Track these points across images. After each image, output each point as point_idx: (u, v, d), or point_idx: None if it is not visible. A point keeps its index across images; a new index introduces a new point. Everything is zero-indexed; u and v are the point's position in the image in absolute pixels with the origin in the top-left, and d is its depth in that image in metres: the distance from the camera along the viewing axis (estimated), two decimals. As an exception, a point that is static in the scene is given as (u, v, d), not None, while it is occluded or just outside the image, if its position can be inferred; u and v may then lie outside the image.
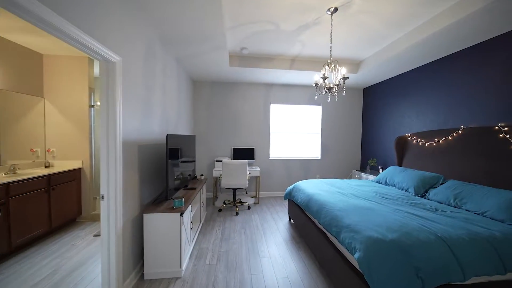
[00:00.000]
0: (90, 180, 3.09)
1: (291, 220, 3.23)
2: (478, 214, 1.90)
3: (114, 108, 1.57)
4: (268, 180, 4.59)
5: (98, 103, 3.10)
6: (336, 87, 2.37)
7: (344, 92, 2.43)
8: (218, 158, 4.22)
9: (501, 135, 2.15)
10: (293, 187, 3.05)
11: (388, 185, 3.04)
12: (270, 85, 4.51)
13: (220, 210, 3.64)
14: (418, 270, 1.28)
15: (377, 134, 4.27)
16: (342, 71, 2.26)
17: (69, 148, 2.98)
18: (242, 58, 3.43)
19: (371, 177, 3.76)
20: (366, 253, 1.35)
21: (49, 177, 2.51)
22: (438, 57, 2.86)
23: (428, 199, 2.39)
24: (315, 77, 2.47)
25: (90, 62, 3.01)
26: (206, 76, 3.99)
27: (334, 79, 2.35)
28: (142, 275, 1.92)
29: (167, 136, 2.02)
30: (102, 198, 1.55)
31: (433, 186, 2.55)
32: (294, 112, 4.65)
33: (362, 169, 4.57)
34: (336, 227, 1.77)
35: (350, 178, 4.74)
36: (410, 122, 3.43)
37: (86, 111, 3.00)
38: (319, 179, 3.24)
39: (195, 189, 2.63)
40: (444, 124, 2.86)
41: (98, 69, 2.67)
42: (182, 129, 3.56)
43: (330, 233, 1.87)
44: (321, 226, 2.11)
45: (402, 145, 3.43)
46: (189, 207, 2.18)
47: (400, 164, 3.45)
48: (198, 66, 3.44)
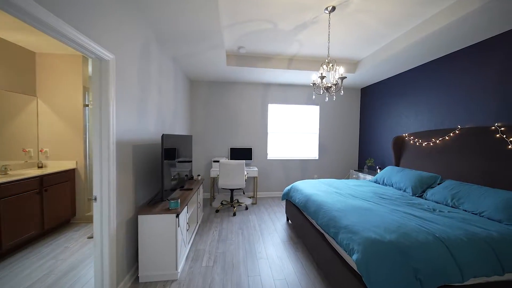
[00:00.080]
0: (85, 180, 3.03)
1: (289, 220, 3.21)
2: (476, 214, 1.89)
3: (107, 107, 1.53)
4: (265, 180, 4.57)
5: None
6: (334, 87, 2.36)
7: (342, 91, 2.41)
8: (216, 158, 4.19)
9: (498, 135, 2.16)
10: (290, 188, 3.03)
11: (385, 185, 3.04)
12: (268, 84, 4.49)
13: (217, 211, 3.61)
14: (416, 271, 1.26)
15: (374, 134, 4.27)
16: (340, 71, 2.25)
17: (63, 148, 2.92)
18: (240, 57, 3.40)
19: (369, 177, 3.76)
20: (364, 254, 1.34)
21: (41, 178, 2.46)
22: (437, 56, 2.85)
23: (425, 199, 2.39)
24: (313, 76, 2.45)
25: (85, 60, 2.96)
26: (203, 75, 3.96)
27: (332, 79, 2.34)
28: (137, 278, 1.88)
29: (163, 136, 1.98)
30: (95, 199, 1.51)
31: (430, 186, 2.55)
32: (292, 112, 4.63)
33: (360, 169, 4.57)
34: (334, 228, 1.75)
35: (348, 178, 4.74)
36: (407, 122, 3.43)
37: (80, 111, 2.95)
38: (317, 179, 3.23)
39: (192, 189, 2.59)
40: (441, 124, 2.86)
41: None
42: (179, 129, 3.52)
43: (328, 234, 1.85)
44: (319, 227, 2.09)
45: (400, 145, 3.43)
46: (185, 208, 2.15)
47: (397, 164, 3.46)
48: (195, 66, 3.40)
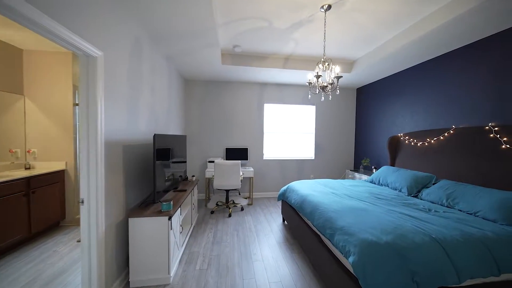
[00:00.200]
0: (75, 182, 2.94)
1: (285, 221, 3.18)
2: (471, 214, 1.89)
3: (95, 105, 1.47)
4: (261, 180, 4.53)
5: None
6: (329, 86, 2.33)
7: (337, 91, 2.39)
8: (211, 159, 4.13)
9: (491, 135, 2.16)
10: (286, 188, 3.00)
11: (381, 185, 3.03)
12: (263, 84, 4.45)
13: (212, 212, 3.56)
14: (413, 274, 1.24)
15: (370, 134, 4.28)
16: (336, 70, 2.23)
17: (51, 148, 2.83)
18: (235, 56, 3.35)
19: (365, 177, 3.76)
20: (360, 257, 1.31)
21: (28, 179, 2.37)
22: (432, 56, 2.84)
23: (421, 199, 2.38)
24: (309, 75, 2.43)
25: (75, 58, 2.87)
26: (198, 74, 3.90)
27: (328, 78, 2.32)
28: (128, 283, 1.82)
29: (155, 136, 1.92)
30: (82, 202, 1.45)
31: (425, 186, 2.55)
32: (288, 111, 4.61)
33: (356, 169, 4.58)
34: (330, 229, 1.72)
35: (343, 178, 4.74)
36: (403, 121, 3.44)
37: (70, 110, 2.86)
38: (313, 180, 3.21)
39: (186, 191, 2.54)
40: (436, 123, 2.86)
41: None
42: (174, 128, 3.45)
43: (324, 235, 1.82)
44: (315, 228, 2.06)
45: (395, 145, 3.44)
46: (178, 210, 2.09)
47: (393, 164, 3.46)
48: (189, 65, 3.34)
